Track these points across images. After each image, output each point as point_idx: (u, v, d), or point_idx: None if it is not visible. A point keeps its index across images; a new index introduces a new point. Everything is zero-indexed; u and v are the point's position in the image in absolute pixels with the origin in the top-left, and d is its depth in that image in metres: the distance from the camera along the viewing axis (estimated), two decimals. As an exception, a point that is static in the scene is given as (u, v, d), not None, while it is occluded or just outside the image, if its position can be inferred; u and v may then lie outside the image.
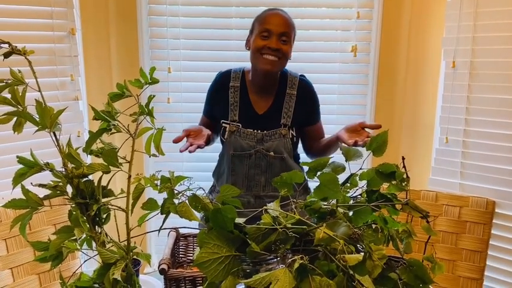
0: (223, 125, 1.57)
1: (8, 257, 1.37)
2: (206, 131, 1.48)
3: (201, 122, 1.67)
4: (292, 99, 1.57)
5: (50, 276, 1.46)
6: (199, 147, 1.39)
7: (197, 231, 0.72)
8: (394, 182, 0.80)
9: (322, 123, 1.69)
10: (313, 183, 0.79)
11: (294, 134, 1.59)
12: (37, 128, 0.72)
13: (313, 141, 1.66)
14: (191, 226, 0.80)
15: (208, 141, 1.50)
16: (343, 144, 1.37)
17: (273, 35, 1.47)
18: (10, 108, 0.72)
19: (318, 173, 0.78)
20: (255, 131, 1.54)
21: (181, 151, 1.36)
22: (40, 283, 1.44)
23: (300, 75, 1.63)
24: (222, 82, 1.61)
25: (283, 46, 1.48)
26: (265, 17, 1.52)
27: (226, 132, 1.56)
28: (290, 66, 2.00)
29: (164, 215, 0.76)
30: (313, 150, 1.67)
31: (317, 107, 1.64)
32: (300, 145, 1.69)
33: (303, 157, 1.72)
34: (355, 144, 1.30)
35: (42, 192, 0.74)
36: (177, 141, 1.39)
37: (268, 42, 1.47)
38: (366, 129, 1.40)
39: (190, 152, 1.37)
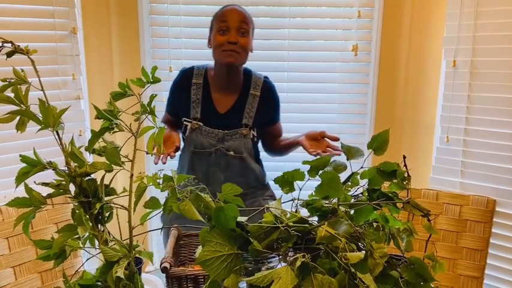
0: (185, 122, 1.58)
1: (10, 256, 1.38)
2: (176, 138, 1.49)
3: (164, 119, 1.68)
4: (255, 100, 1.59)
5: (52, 274, 1.46)
6: (169, 156, 1.37)
7: (198, 229, 0.73)
8: (395, 181, 0.80)
9: (323, 122, 1.70)
10: (313, 183, 0.79)
11: (255, 134, 1.61)
12: (40, 127, 0.73)
13: (273, 140, 1.69)
14: (193, 225, 0.80)
15: (178, 148, 1.48)
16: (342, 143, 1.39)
17: (231, 29, 1.50)
18: (13, 107, 0.72)
19: (320, 172, 0.78)
20: (216, 129, 1.55)
21: (155, 163, 1.34)
22: (42, 281, 1.44)
23: (264, 77, 1.65)
24: (184, 79, 1.62)
25: (242, 38, 1.51)
26: (222, 13, 1.54)
27: (188, 130, 1.56)
28: (291, 65, 2.01)
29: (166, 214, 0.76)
30: (272, 148, 1.71)
31: (278, 108, 1.68)
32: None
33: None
34: (317, 155, 1.38)
35: (45, 191, 0.74)
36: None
37: (227, 36, 1.50)
38: (326, 139, 1.49)
39: (163, 163, 1.34)
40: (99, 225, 0.75)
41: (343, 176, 0.80)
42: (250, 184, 1.60)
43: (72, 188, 0.74)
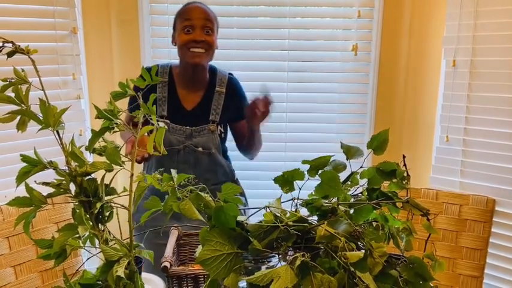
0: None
1: (10, 255, 1.38)
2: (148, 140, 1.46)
3: (127, 119, 1.59)
4: (221, 97, 1.61)
5: (53, 274, 1.46)
6: (144, 158, 1.33)
7: (198, 229, 0.73)
8: (394, 180, 0.81)
9: (323, 122, 1.69)
10: (313, 182, 0.79)
11: (222, 130, 1.62)
12: (40, 126, 0.73)
13: (242, 136, 1.68)
14: (193, 224, 0.81)
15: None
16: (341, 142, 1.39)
17: (196, 27, 1.50)
18: (14, 107, 0.72)
19: (319, 172, 0.79)
20: (184, 126, 1.55)
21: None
22: (42, 281, 1.45)
23: (229, 74, 1.67)
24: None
25: (208, 37, 1.51)
26: (186, 11, 1.54)
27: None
28: (290, 64, 2.01)
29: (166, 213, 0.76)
30: (243, 146, 1.71)
31: (244, 104, 1.66)
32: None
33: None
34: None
35: (45, 191, 0.74)
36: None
37: (193, 35, 1.50)
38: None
39: (138, 162, 1.32)
40: (100, 224, 0.76)
41: (342, 176, 0.80)
42: (219, 179, 1.60)
43: (72, 187, 0.75)
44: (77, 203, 0.74)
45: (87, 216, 0.73)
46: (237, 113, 1.66)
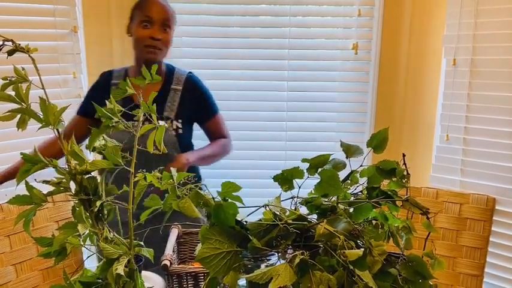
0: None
1: (11, 254, 1.38)
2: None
3: (74, 122, 1.59)
4: (177, 94, 1.58)
5: (53, 272, 1.47)
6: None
7: (198, 227, 0.73)
8: (394, 179, 0.81)
9: (323, 121, 1.65)
10: (312, 181, 0.79)
11: (179, 126, 1.57)
12: (41, 125, 0.73)
13: (210, 138, 1.66)
14: (193, 223, 0.81)
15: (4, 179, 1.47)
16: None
17: (154, 23, 1.47)
18: (14, 106, 0.72)
19: (319, 170, 0.79)
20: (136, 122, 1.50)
21: None
22: (43, 279, 1.45)
23: (189, 73, 1.64)
24: (103, 80, 1.60)
25: (165, 35, 1.50)
26: (146, 5, 1.51)
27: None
28: (291, 63, 2.01)
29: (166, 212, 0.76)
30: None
31: (207, 103, 1.64)
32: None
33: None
34: None
35: (45, 189, 0.74)
36: None
37: (151, 31, 1.47)
38: None
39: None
40: (100, 222, 0.76)
41: (342, 174, 0.80)
42: None
43: (72, 185, 0.75)
44: (77, 201, 0.74)
45: (87, 214, 0.73)
46: (200, 112, 1.63)
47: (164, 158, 1.52)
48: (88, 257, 0.79)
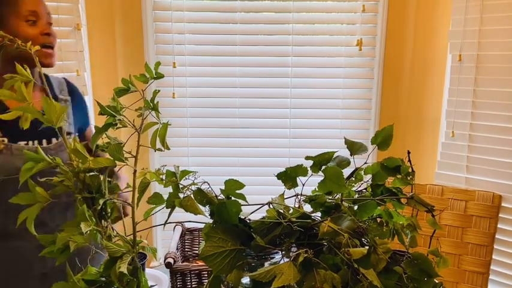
0: None
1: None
2: None
3: None
4: (68, 105, 1.30)
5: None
6: None
7: (202, 225, 0.73)
8: (399, 176, 0.80)
9: (327, 117, 1.64)
10: (316, 178, 0.79)
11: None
12: (43, 123, 0.73)
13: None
14: (197, 220, 0.81)
15: None
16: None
17: (41, 18, 1.16)
18: (16, 104, 0.72)
19: (323, 167, 0.78)
20: (34, 144, 1.18)
21: None
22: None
23: (63, 78, 1.36)
24: None
25: (53, 31, 1.19)
26: None
27: None
28: (294, 60, 2.00)
29: (169, 209, 0.76)
30: None
31: (84, 107, 1.39)
32: None
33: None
34: None
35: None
36: None
37: (41, 28, 1.15)
38: None
39: None
40: (103, 220, 0.76)
41: (346, 172, 0.79)
42: None
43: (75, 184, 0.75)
44: (79, 200, 0.74)
45: (90, 212, 0.73)
46: (83, 121, 1.35)
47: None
48: (91, 255, 0.79)
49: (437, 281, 0.74)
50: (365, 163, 0.82)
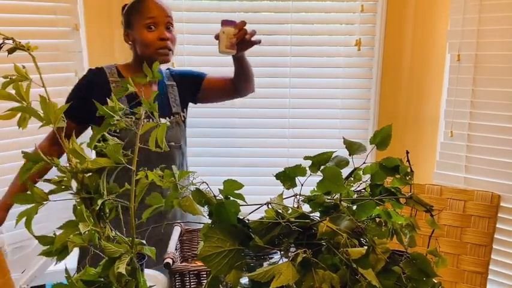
0: None
1: (14, 252, 1.39)
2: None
3: (51, 135, 1.40)
4: (174, 89, 1.59)
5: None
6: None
7: (201, 225, 0.73)
8: (398, 176, 0.80)
9: (326, 117, 1.63)
10: (315, 178, 0.79)
11: (185, 116, 1.61)
12: (41, 123, 0.73)
13: (222, 83, 1.65)
14: (196, 221, 0.81)
15: None
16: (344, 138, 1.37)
17: (159, 24, 1.43)
18: (14, 104, 0.72)
19: (322, 167, 0.78)
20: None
21: None
22: (46, 277, 1.45)
23: (166, 69, 1.64)
24: (99, 78, 1.47)
25: (170, 34, 1.46)
26: (146, 8, 1.44)
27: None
28: (293, 60, 1.99)
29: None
30: (233, 86, 1.64)
31: (195, 76, 1.65)
32: None
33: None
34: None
35: (47, 187, 0.74)
36: None
37: (158, 33, 1.43)
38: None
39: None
40: (101, 221, 0.75)
41: (345, 172, 0.79)
42: None
43: (73, 184, 0.75)
44: (78, 200, 0.74)
45: (88, 212, 0.73)
46: (196, 87, 1.63)
47: (179, 151, 1.52)
48: (90, 255, 0.79)
49: (436, 281, 0.74)
50: (364, 163, 0.82)
